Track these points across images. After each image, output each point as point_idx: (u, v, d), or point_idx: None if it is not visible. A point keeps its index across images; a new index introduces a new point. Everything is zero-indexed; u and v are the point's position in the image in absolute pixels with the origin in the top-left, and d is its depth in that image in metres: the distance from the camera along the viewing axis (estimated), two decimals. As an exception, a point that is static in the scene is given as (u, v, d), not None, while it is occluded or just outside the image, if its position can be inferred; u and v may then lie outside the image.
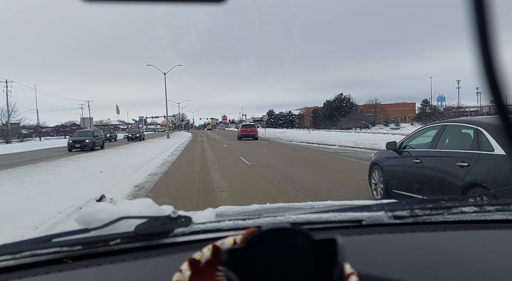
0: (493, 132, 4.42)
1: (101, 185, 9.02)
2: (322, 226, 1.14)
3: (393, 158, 6.16)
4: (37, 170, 13.22)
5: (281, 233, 0.62)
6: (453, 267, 0.88)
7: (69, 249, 0.99)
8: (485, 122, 4.71)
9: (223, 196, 7.90)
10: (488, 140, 4.45)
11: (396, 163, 6.07)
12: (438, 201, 1.23)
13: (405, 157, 5.88)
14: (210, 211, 1.33)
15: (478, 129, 4.68)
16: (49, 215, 5.91)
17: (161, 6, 0.48)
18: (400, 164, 6.00)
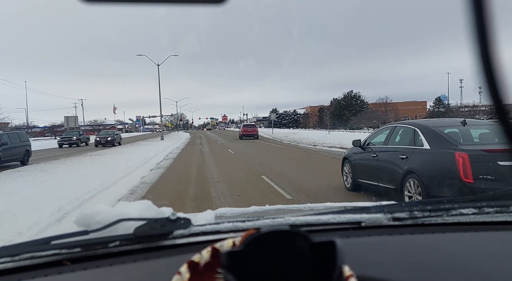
0: (425, 131, 5.62)
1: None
2: (321, 228, 1.14)
3: (358, 153, 7.44)
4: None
5: (280, 235, 0.61)
6: (452, 269, 0.88)
7: (68, 251, 0.99)
8: (420, 124, 6.05)
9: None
10: (420, 138, 5.68)
11: (360, 157, 7.35)
12: (437, 203, 1.23)
13: (367, 152, 7.13)
14: (210, 213, 1.33)
15: (415, 129, 5.90)
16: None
17: (160, 7, 0.48)
18: (363, 158, 7.24)
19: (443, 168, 5.16)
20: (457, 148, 5.04)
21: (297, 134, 37.11)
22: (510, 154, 0.42)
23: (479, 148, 5.00)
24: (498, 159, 4.63)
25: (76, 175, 10.87)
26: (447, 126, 5.96)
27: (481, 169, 4.70)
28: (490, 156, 4.74)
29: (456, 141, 5.33)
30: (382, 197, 6.42)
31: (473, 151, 4.92)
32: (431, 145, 5.51)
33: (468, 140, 5.51)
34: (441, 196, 5.13)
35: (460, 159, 4.86)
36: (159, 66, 37.84)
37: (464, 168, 4.79)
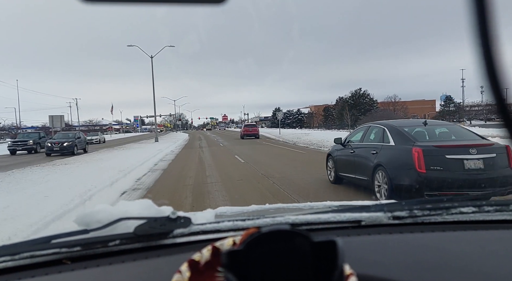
0: (391, 130, 6.67)
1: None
2: (322, 227, 1.14)
3: (339, 150, 8.41)
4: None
5: (280, 235, 0.61)
6: (452, 268, 0.88)
7: (68, 250, 0.99)
8: (388, 124, 7.08)
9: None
10: (388, 136, 6.69)
11: (341, 153, 8.31)
12: (437, 202, 1.23)
13: (346, 149, 8.08)
14: (210, 212, 1.33)
15: (384, 128, 6.94)
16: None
17: (160, 7, 0.47)
18: (343, 154, 8.21)
19: (403, 161, 6.06)
20: (414, 144, 5.99)
21: (310, 135, 32.87)
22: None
23: (432, 144, 5.99)
24: (446, 153, 5.71)
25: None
26: (411, 126, 6.97)
27: (432, 162, 5.70)
28: (440, 150, 5.77)
29: (415, 138, 6.28)
30: (359, 187, 7.66)
31: (427, 146, 5.90)
32: (395, 142, 6.50)
33: (425, 138, 6.51)
34: (402, 184, 6.00)
35: (416, 153, 5.80)
36: (153, 58, 34.11)
37: (418, 160, 5.75)
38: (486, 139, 6.56)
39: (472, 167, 5.65)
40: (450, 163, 5.67)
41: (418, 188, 5.73)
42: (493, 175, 5.66)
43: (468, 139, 6.37)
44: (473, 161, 5.66)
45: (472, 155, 5.66)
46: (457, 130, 7.06)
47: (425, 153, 5.76)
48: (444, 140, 6.52)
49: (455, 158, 5.66)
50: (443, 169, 5.67)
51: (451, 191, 5.57)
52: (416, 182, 5.72)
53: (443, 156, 5.71)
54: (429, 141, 6.40)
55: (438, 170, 5.69)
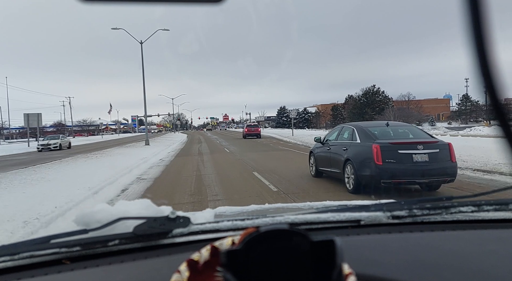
0: (358, 130, 8.03)
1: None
2: (321, 226, 1.14)
3: (319, 148, 9.68)
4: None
5: (279, 234, 0.62)
6: (451, 267, 0.88)
7: (67, 250, 0.99)
8: (357, 125, 8.60)
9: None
10: (355, 135, 8.01)
11: (320, 151, 9.57)
12: (436, 201, 1.23)
13: (325, 146, 9.28)
14: (209, 211, 1.33)
15: (353, 128, 8.28)
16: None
17: (159, 6, 0.48)
18: (322, 151, 9.45)
19: (365, 155, 7.30)
20: (374, 142, 7.29)
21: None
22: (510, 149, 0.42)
23: (388, 142, 7.30)
24: (398, 149, 7.05)
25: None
26: (375, 126, 8.37)
27: (387, 156, 7.00)
28: (393, 146, 7.12)
29: (376, 137, 7.61)
30: (332, 179, 8.91)
31: (383, 143, 7.20)
32: (361, 140, 7.81)
33: (384, 136, 7.76)
34: (364, 175, 7.24)
35: (374, 149, 7.07)
36: (143, 44, 29.50)
37: (377, 155, 7.01)
38: (434, 137, 7.94)
39: (419, 160, 6.98)
40: (401, 157, 7.00)
41: (376, 177, 7.01)
42: (436, 167, 6.99)
43: (418, 138, 7.70)
44: (420, 155, 7.00)
45: (419, 150, 7.00)
46: (412, 130, 8.36)
47: (382, 148, 7.05)
48: (399, 138, 7.75)
49: (405, 152, 7.02)
50: (396, 161, 7.00)
51: (402, 179, 6.99)
52: (375, 172, 7.01)
53: (396, 151, 7.04)
54: (386, 139, 7.60)
55: (392, 163, 7.01)
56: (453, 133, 31.41)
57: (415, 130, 8.34)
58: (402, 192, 7.76)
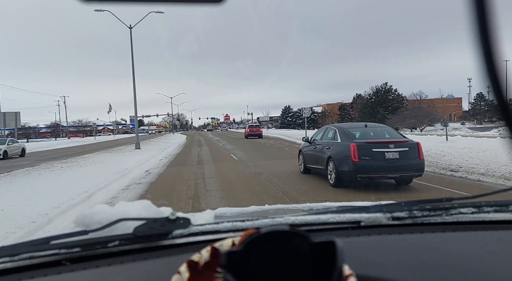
0: (340, 130, 9.02)
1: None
2: (321, 228, 1.14)
3: (307, 146, 10.74)
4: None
5: (279, 235, 0.61)
6: (452, 268, 0.88)
7: (67, 251, 0.99)
8: (338, 126, 9.64)
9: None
10: (337, 135, 9.01)
11: (307, 149, 10.63)
12: (436, 202, 1.23)
13: (311, 145, 10.31)
14: (209, 212, 1.33)
15: (335, 129, 9.32)
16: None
17: (158, 6, 0.47)
18: (309, 150, 10.51)
19: (344, 153, 8.28)
20: (352, 141, 8.33)
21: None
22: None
23: (363, 141, 8.31)
24: (372, 147, 8.05)
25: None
26: (355, 127, 9.52)
27: (363, 153, 7.97)
28: (368, 145, 8.11)
29: (354, 136, 8.70)
30: (318, 175, 9.78)
31: (360, 142, 8.23)
32: (341, 139, 8.81)
33: (362, 136, 8.79)
34: (343, 170, 8.24)
35: (352, 148, 8.06)
36: (132, 29, 26.98)
37: (354, 153, 8.00)
38: (405, 137, 9.02)
39: (390, 157, 8.02)
40: (375, 154, 7.99)
41: (353, 173, 8.00)
42: (405, 163, 8.02)
43: (391, 138, 8.76)
44: (391, 153, 8.03)
45: (391, 149, 8.04)
46: (387, 131, 9.42)
47: (358, 147, 8.05)
48: (374, 138, 8.74)
49: (378, 150, 8.02)
50: (370, 158, 7.98)
51: (376, 174, 8.03)
52: (352, 168, 8.00)
53: (370, 149, 8.04)
54: (363, 139, 8.60)
55: (366, 160, 7.98)
56: (485, 134, 27.17)
57: (389, 130, 9.48)
58: (378, 185, 8.64)
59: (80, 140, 59.66)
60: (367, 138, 8.67)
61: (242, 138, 38.20)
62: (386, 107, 52.28)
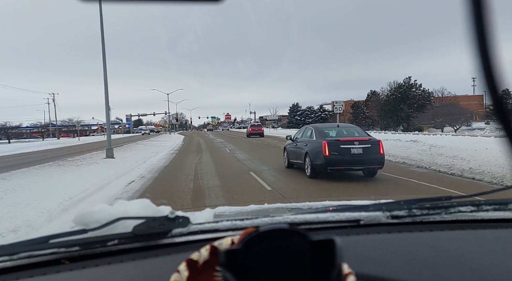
0: (315, 130, 10.57)
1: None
2: (320, 226, 1.14)
3: (290, 144, 12.17)
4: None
5: (279, 234, 0.62)
6: (451, 266, 0.88)
7: (66, 250, 0.99)
8: (314, 126, 11.27)
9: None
10: (313, 134, 10.51)
11: (290, 147, 12.04)
12: (435, 201, 1.24)
13: (294, 143, 11.75)
14: (208, 211, 1.33)
15: (312, 129, 10.91)
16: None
17: (157, 5, 0.47)
18: (291, 147, 11.93)
19: (318, 149, 9.72)
20: (324, 139, 9.78)
21: (444, 149, 14.43)
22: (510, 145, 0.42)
23: (333, 139, 9.78)
24: (340, 144, 9.48)
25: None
26: (328, 127, 11.15)
27: (333, 149, 9.42)
28: (337, 142, 9.56)
29: (326, 135, 10.19)
30: (299, 169, 10.89)
31: (330, 140, 9.69)
32: (316, 137, 10.26)
33: (333, 135, 10.28)
34: (317, 164, 9.69)
35: (324, 144, 9.49)
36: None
37: (325, 149, 9.43)
38: (369, 135, 10.43)
39: (355, 153, 9.44)
40: (342, 150, 9.45)
41: (325, 166, 9.49)
42: (368, 157, 9.41)
43: (357, 136, 10.14)
44: (356, 149, 9.44)
45: (356, 145, 9.47)
46: (356, 130, 10.93)
47: (328, 144, 9.49)
48: (344, 136, 10.15)
49: (345, 147, 9.47)
50: (338, 154, 9.43)
51: (343, 167, 9.51)
52: (324, 162, 9.50)
53: (338, 146, 9.49)
54: (334, 137, 10.07)
55: (335, 154, 9.43)
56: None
57: (357, 130, 11.02)
58: (347, 176, 10.13)
59: (61, 142, 51.29)
60: (337, 136, 10.18)
61: (258, 143, 28.49)
62: (410, 104, 46.79)
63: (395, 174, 10.33)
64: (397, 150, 15.42)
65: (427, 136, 24.57)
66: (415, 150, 15.03)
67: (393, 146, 16.46)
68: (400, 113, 47.11)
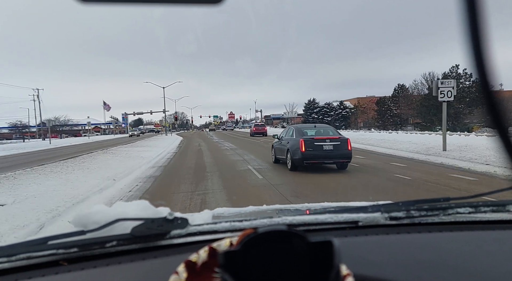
0: (295, 129, 12.53)
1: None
2: (319, 228, 1.14)
3: (276, 142, 13.80)
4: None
5: (277, 235, 0.62)
6: (449, 268, 0.88)
7: (65, 251, 0.98)
8: (295, 126, 13.26)
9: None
10: (294, 132, 12.37)
11: (277, 144, 13.71)
12: (433, 202, 1.24)
13: (279, 141, 13.44)
14: (207, 212, 1.33)
15: (293, 128, 12.79)
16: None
17: (157, 7, 0.48)
18: (277, 144, 13.57)
19: (296, 146, 11.44)
20: (301, 137, 11.57)
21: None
22: (506, 144, 0.42)
23: (309, 137, 11.57)
24: (314, 142, 11.25)
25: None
26: (306, 127, 13.01)
27: (308, 146, 11.20)
28: (312, 140, 11.32)
29: (304, 134, 12.08)
30: (284, 163, 12.44)
31: (306, 138, 11.47)
32: (295, 136, 12.05)
33: (309, 134, 12.11)
34: (295, 158, 11.38)
35: (301, 142, 11.26)
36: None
37: (301, 145, 11.21)
38: (340, 134, 12.22)
39: (327, 149, 11.29)
40: (316, 147, 11.26)
41: (302, 160, 11.21)
42: (337, 153, 11.24)
43: (331, 135, 12.01)
44: (327, 145, 11.29)
45: (327, 143, 11.31)
46: (330, 129, 12.87)
47: (305, 141, 11.28)
48: (318, 135, 12.02)
49: (319, 144, 11.29)
50: (313, 150, 11.22)
51: (317, 161, 11.28)
52: (301, 156, 11.23)
53: (313, 143, 11.29)
54: (310, 135, 11.87)
55: (310, 150, 11.21)
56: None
57: (331, 129, 13.05)
58: (322, 168, 11.92)
59: (18, 146, 41.39)
60: (313, 135, 12.02)
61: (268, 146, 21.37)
62: (459, 98, 38.86)
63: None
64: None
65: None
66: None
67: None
68: (449, 109, 35.73)
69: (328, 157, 11.22)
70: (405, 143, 20.27)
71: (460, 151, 15.08)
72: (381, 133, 31.63)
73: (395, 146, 19.70)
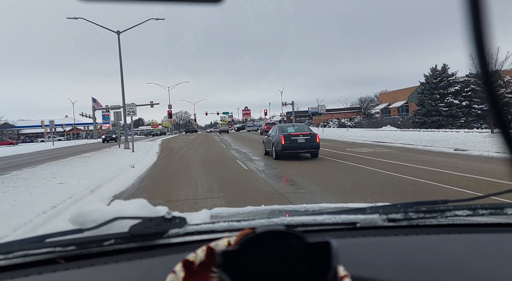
0: (278, 127, 16.62)
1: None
2: (317, 228, 1.14)
3: (266, 138, 17.74)
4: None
5: (275, 235, 0.62)
6: (446, 270, 0.88)
7: (62, 249, 0.98)
8: (279, 125, 17.71)
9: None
10: (277, 130, 16.39)
11: (265, 140, 17.72)
12: (432, 204, 1.24)
13: (268, 137, 17.20)
14: (205, 212, 1.33)
15: (277, 127, 16.85)
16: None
17: (157, 6, 0.47)
18: (266, 140, 17.53)
19: (278, 140, 15.08)
20: (282, 133, 15.29)
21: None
22: (506, 138, 0.42)
23: (288, 133, 15.27)
24: (291, 136, 15.08)
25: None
26: (287, 126, 16.48)
27: (286, 140, 14.99)
28: (290, 135, 15.13)
29: (284, 131, 15.60)
30: (270, 156, 16.36)
31: (285, 134, 15.19)
32: (278, 132, 15.60)
33: (289, 131, 15.60)
34: (278, 149, 15.17)
35: (281, 137, 15.02)
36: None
37: (282, 140, 14.96)
38: (311, 130, 16.14)
39: (300, 142, 14.97)
40: (293, 140, 14.92)
41: (282, 150, 14.87)
42: (308, 145, 15.04)
43: (303, 131, 15.59)
44: (301, 139, 14.99)
45: (300, 137, 15.00)
46: (305, 127, 16.61)
47: (284, 137, 14.92)
48: (295, 131, 15.54)
49: (294, 138, 14.96)
50: (290, 143, 14.87)
51: (293, 151, 14.95)
52: (281, 148, 14.87)
53: (290, 137, 14.95)
54: (289, 132, 15.40)
55: (288, 143, 14.87)
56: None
57: (305, 127, 16.84)
58: (298, 157, 15.51)
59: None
60: (292, 131, 15.53)
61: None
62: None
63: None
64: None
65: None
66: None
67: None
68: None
69: (301, 148, 15.07)
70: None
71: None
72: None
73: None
